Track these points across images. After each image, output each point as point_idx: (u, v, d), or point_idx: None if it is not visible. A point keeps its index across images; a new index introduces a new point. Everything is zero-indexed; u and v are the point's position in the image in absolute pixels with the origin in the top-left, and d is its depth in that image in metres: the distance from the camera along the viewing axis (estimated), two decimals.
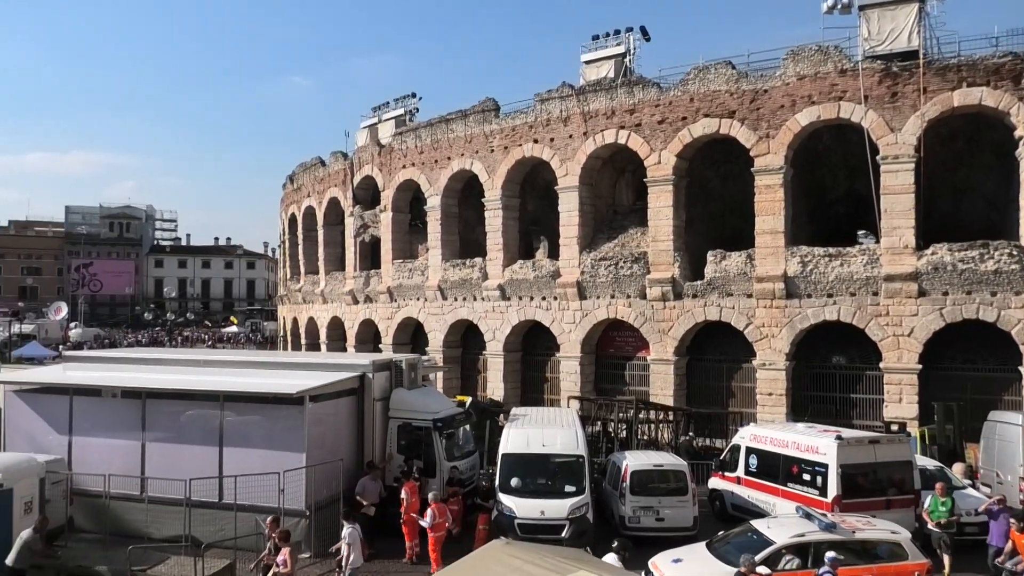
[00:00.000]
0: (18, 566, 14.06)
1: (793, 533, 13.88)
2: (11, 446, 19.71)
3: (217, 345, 74.62)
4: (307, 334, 48.87)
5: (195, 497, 16.96)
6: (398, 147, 38.67)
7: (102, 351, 37.54)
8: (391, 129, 40.96)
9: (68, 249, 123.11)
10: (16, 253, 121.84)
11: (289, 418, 17.57)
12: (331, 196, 45.05)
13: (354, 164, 42.51)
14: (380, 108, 43.82)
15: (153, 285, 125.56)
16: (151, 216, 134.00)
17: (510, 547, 8.81)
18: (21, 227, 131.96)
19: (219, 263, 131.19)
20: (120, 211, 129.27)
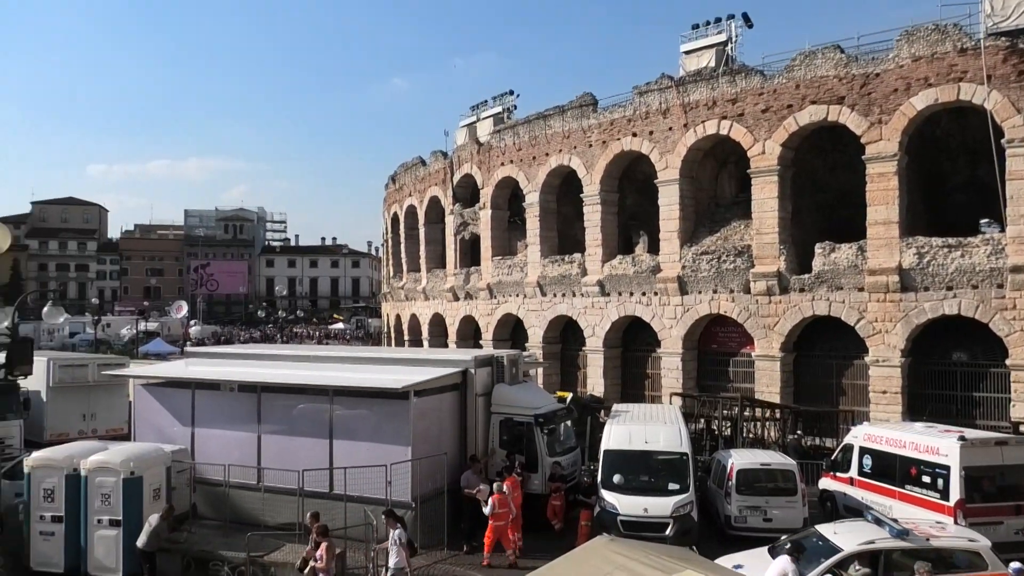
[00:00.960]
0: (148, 549, 14.98)
1: (862, 540, 12.99)
2: (140, 436, 20.98)
3: (324, 341, 77.29)
4: (410, 330, 49.94)
5: (307, 487, 17.62)
6: (496, 145, 38.99)
7: (220, 347, 39.46)
8: (489, 127, 41.35)
9: (187, 251, 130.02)
10: (141, 255, 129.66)
11: (395, 412, 18.00)
12: (432, 195, 45.87)
13: (453, 163, 43.14)
14: (478, 107, 44.32)
15: (265, 284, 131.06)
16: (262, 218, 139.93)
17: (614, 544, 8.76)
18: (145, 231, 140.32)
19: (326, 262, 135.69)
20: (234, 214, 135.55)
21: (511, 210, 40.16)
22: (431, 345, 45.28)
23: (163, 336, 71.43)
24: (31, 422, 25.11)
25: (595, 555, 8.26)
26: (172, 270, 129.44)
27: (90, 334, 64.92)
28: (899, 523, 13.41)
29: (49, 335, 62.61)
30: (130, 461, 15.87)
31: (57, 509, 15.96)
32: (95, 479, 15.78)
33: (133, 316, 79.49)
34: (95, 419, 26.73)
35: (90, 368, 27.24)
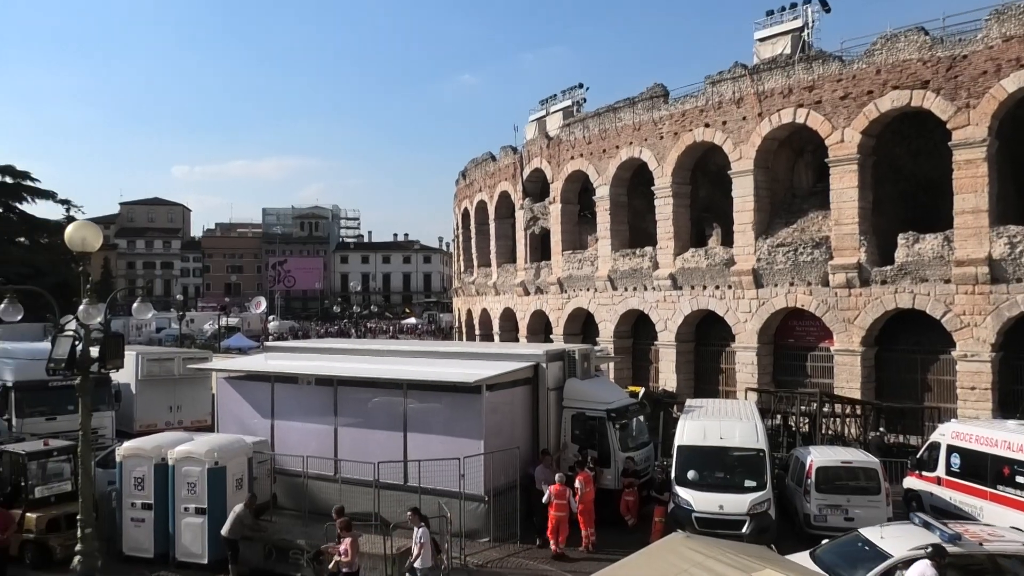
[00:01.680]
0: (231, 536, 15.48)
1: (912, 546, 12.02)
2: (223, 428, 21.71)
3: (396, 336, 78.48)
4: (481, 325, 50.26)
5: (382, 479, 17.93)
6: (566, 138, 38.84)
7: (298, 342, 40.47)
8: (559, 121, 41.23)
9: (265, 248, 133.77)
10: (222, 253, 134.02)
11: (467, 406, 18.14)
12: (502, 190, 46.02)
13: (523, 157, 43.17)
14: (548, 101, 44.23)
15: (339, 280, 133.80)
16: (336, 215, 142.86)
17: (690, 541, 8.64)
18: (225, 229, 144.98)
19: (398, 258, 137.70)
20: (309, 211, 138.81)
21: (581, 204, 39.97)
22: (502, 339, 45.48)
23: (243, 331, 73.64)
24: (122, 413, 26.23)
25: (671, 552, 8.16)
26: (251, 267, 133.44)
27: (175, 329, 67.42)
28: (949, 527, 12.53)
29: (137, 330, 65.31)
30: (214, 452, 16.41)
31: (147, 497, 16.63)
32: (182, 468, 16.37)
33: (215, 312, 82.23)
34: (181, 411, 27.75)
35: (176, 362, 28.27)
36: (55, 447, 17.97)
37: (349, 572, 14.05)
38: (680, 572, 7.50)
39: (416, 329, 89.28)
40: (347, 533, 14.23)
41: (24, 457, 17.24)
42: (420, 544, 13.99)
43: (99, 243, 12.20)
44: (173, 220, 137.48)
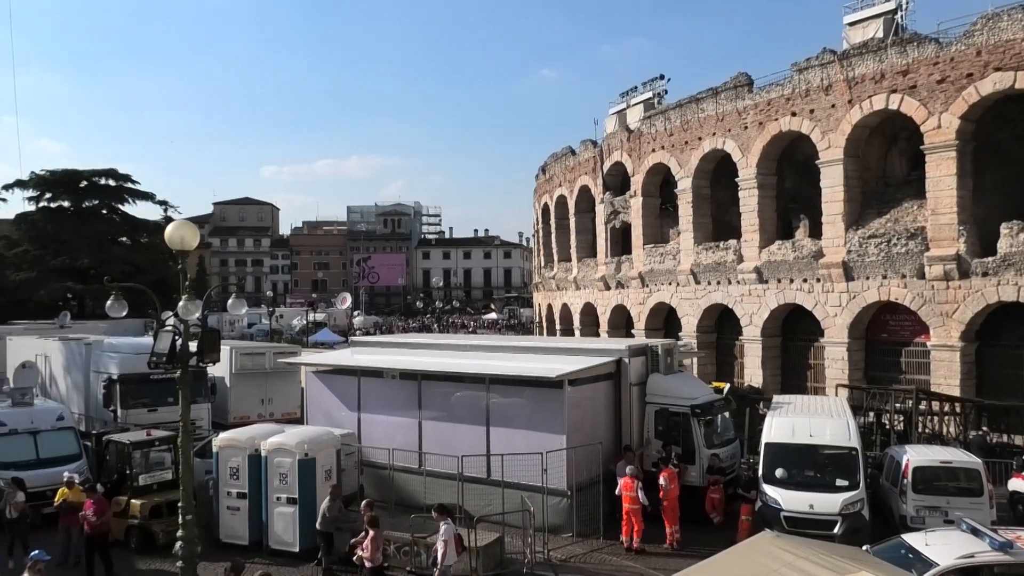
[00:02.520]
0: (324, 529, 15.85)
1: (960, 553, 11.25)
2: (312, 420, 22.34)
3: (477, 331, 79.17)
4: (561, 320, 50.21)
5: (466, 473, 18.13)
6: (647, 131, 38.37)
7: (383, 336, 41.33)
8: (639, 113, 40.75)
9: (350, 245, 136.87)
10: (309, 250, 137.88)
11: (549, 401, 18.15)
12: (582, 184, 45.81)
13: (603, 151, 42.86)
14: (628, 93, 43.77)
15: (421, 276, 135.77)
16: (418, 212, 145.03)
17: (780, 540, 8.42)
18: (312, 227, 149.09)
19: (479, 253, 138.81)
20: (392, 209, 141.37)
21: (662, 197, 39.44)
22: (582, 334, 45.33)
23: (330, 326, 75.61)
24: (217, 405, 27.28)
25: (760, 551, 7.97)
26: (337, 263, 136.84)
27: (265, 324, 69.77)
28: (1000, 534, 11.69)
29: (230, 326, 67.75)
30: (304, 443, 16.89)
31: (241, 486, 17.24)
32: (274, 459, 16.91)
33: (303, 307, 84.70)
34: (272, 403, 28.67)
35: (267, 356, 29.23)
36: (157, 437, 18.84)
37: (372, 567, 14.16)
38: (771, 572, 7.32)
39: (496, 324, 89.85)
40: (372, 528, 14.35)
41: (129, 446, 18.15)
42: (444, 541, 13.89)
43: (196, 242, 12.70)
44: (263, 219, 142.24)
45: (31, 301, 65.24)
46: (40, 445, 20.15)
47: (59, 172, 74.19)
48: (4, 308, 62.50)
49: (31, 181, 73.39)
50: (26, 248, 72.33)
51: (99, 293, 66.27)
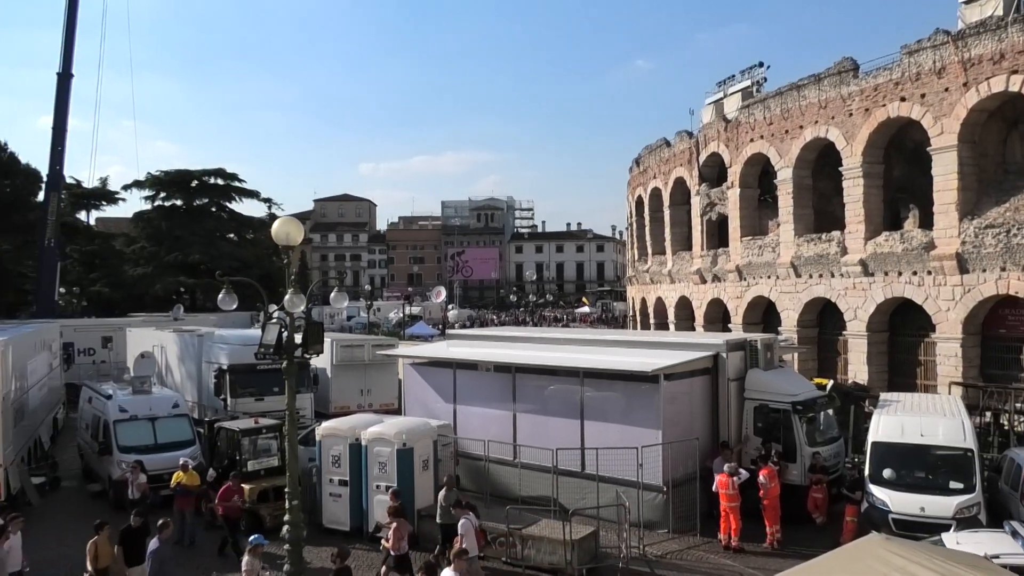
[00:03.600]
0: (444, 521, 15.87)
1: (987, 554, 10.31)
2: (409, 411, 22.84)
3: (570, 325, 79.04)
4: (655, 314, 49.55)
5: (560, 466, 18.17)
6: (745, 120, 37.37)
7: (478, 330, 41.76)
8: (737, 103, 39.72)
9: (444, 239, 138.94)
10: (405, 245, 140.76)
11: (644, 395, 17.98)
12: (677, 176, 45.03)
13: (699, 142, 42.00)
14: (725, 82, 42.75)
15: (514, 269, 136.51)
16: (511, 206, 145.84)
17: (891, 543, 8.05)
18: (408, 222, 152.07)
19: (571, 247, 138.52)
20: (485, 203, 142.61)
21: (761, 188, 38.32)
22: (677, 328, 44.59)
23: (425, 319, 77.00)
24: (319, 396, 28.22)
25: (869, 554, 7.66)
26: (431, 258, 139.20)
27: (363, 318, 71.63)
28: None
29: (330, 318, 69.90)
30: (403, 434, 17.29)
31: (343, 474, 17.82)
32: (373, 449, 17.39)
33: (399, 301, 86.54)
34: (370, 394, 29.44)
35: (366, 348, 30.04)
36: (264, 425, 19.66)
37: (397, 555, 14.34)
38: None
39: (589, 318, 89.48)
40: (394, 519, 14.59)
41: (238, 434, 19.01)
42: (462, 535, 13.96)
43: (301, 237, 13.16)
44: (360, 215, 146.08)
45: (148, 295, 69.10)
46: (158, 431, 21.37)
47: (172, 172, 78.32)
48: (124, 301, 66.47)
49: (147, 181, 77.75)
50: (143, 245, 76.71)
51: (209, 287, 69.63)
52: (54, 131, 50.87)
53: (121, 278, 70.74)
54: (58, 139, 50.92)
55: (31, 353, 25.68)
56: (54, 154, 51.01)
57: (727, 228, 39.43)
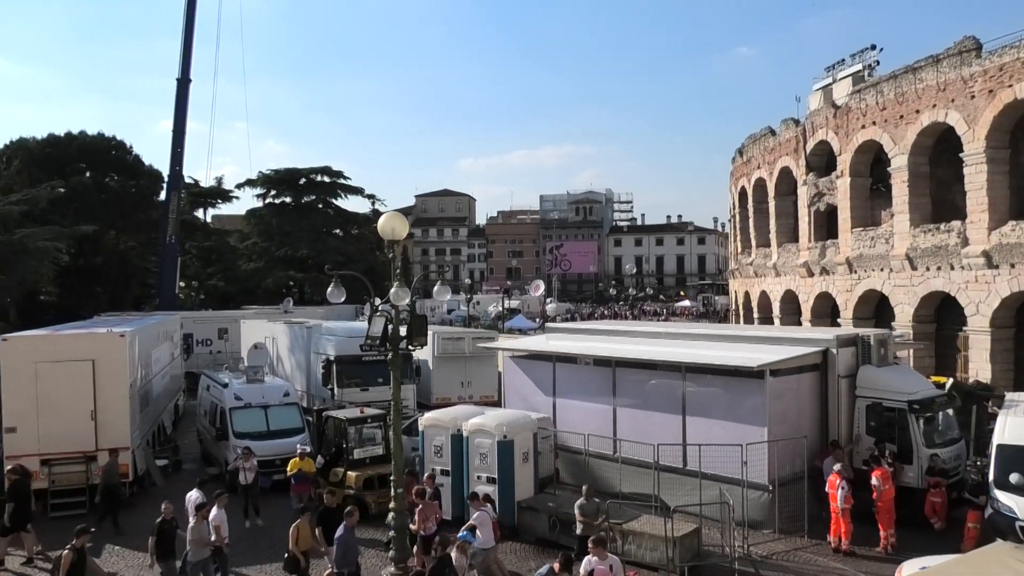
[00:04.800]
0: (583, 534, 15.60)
1: None
2: (509, 403, 23.03)
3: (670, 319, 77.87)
4: (759, 308, 48.20)
5: (661, 462, 17.93)
6: (855, 106, 35.79)
7: (577, 323, 41.74)
8: (847, 88, 38.12)
9: (542, 233, 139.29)
10: (503, 239, 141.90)
11: (749, 391, 17.53)
12: (782, 166, 43.60)
13: (806, 130, 40.51)
14: (834, 67, 41.17)
15: (612, 263, 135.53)
16: (610, 199, 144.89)
17: (1020, 552, 7.59)
18: (507, 216, 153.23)
19: (671, 240, 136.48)
20: (584, 196, 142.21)
21: (873, 176, 36.64)
22: (782, 323, 43.21)
23: (523, 312, 77.43)
24: (421, 387, 28.82)
25: (996, 563, 7.23)
26: (530, 251, 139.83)
27: (463, 311, 72.70)
28: None
29: (431, 312, 71.29)
30: (503, 426, 17.44)
31: (445, 464, 18.13)
32: (474, 440, 17.61)
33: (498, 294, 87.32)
34: (471, 386, 29.83)
35: (466, 341, 30.45)
36: (369, 415, 20.21)
37: (424, 536, 14.56)
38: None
39: (690, 312, 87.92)
40: (419, 500, 14.89)
41: (345, 422, 19.61)
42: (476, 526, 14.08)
43: (406, 232, 13.44)
44: (460, 209, 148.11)
45: (259, 288, 72.25)
46: (270, 418, 22.32)
47: (282, 171, 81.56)
48: (237, 295, 69.74)
49: (258, 180, 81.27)
50: (255, 241, 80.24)
51: (316, 281, 72.19)
52: (174, 134, 53.79)
53: (235, 272, 74.21)
54: (178, 141, 53.81)
55: (155, 343, 27.23)
56: (174, 156, 53.92)
57: (836, 219, 37.92)
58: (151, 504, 20.40)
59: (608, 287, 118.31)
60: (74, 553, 12.49)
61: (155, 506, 20.08)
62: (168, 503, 14.51)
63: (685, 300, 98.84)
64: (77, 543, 12.64)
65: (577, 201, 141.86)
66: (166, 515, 14.04)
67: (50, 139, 59.39)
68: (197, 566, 13.64)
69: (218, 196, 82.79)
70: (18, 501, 16.60)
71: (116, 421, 19.85)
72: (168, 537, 13.84)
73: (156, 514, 14.56)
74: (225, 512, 14.53)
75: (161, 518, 14.02)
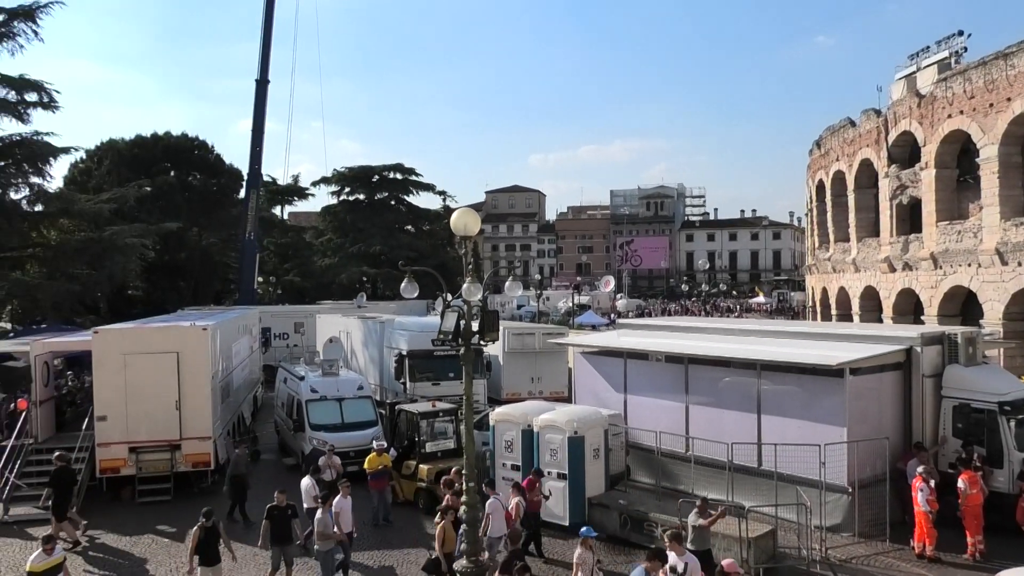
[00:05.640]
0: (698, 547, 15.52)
1: None
2: (579, 399, 22.95)
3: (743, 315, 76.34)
4: (837, 304, 46.82)
5: (735, 461, 17.59)
6: (941, 95, 34.35)
7: (649, 319, 41.31)
8: (932, 76, 36.62)
9: (612, 229, 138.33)
10: (573, 235, 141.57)
11: (828, 390, 17.04)
12: (863, 158, 42.19)
13: (888, 120, 39.10)
14: (918, 55, 39.63)
15: (684, 258, 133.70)
16: (681, 194, 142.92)
17: None
18: (576, 212, 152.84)
19: (745, 235, 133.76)
20: (655, 191, 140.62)
21: (960, 168, 35.12)
22: (862, 320, 41.87)
23: (593, 308, 77.06)
24: (491, 382, 28.98)
25: None
26: (600, 247, 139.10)
27: (533, 307, 72.77)
28: None
29: (500, 307, 71.58)
30: (574, 422, 17.38)
31: (515, 459, 18.17)
32: (545, 436, 17.59)
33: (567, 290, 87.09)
34: (540, 381, 29.86)
35: (536, 336, 30.49)
36: (440, 409, 20.43)
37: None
38: None
39: (764, 308, 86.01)
40: (448, 490, 15.25)
41: (417, 416, 19.88)
42: (488, 514, 14.25)
43: (478, 228, 13.50)
44: (530, 205, 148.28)
45: (334, 283, 73.81)
46: (344, 411, 22.77)
47: (356, 168, 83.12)
48: (313, 290, 71.43)
49: (333, 177, 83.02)
50: (330, 237, 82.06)
51: (388, 276, 73.33)
52: (253, 133, 55.31)
53: (311, 268, 76.00)
54: (257, 141, 55.32)
55: (235, 337, 28.09)
56: (253, 155, 55.45)
57: (919, 212, 36.51)
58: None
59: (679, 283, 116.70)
60: (201, 531, 13.24)
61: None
62: (282, 491, 14.74)
63: (759, 296, 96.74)
64: (206, 522, 13.31)
65: (648, 196, 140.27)
66: (279, 502, 14.32)
67: (137, 140, 61.97)
68: (324, 555, 14.02)
69: (294, 193, 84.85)
70: (59, 488, 17.17)
71: (199, 411, 20.56)
72: (280, 523, 14.16)
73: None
74: (350, 501, 15.01)
75: (273, 503, 14.35)
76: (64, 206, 40.78)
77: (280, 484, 21.32)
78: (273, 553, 14.24)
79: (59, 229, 43.10)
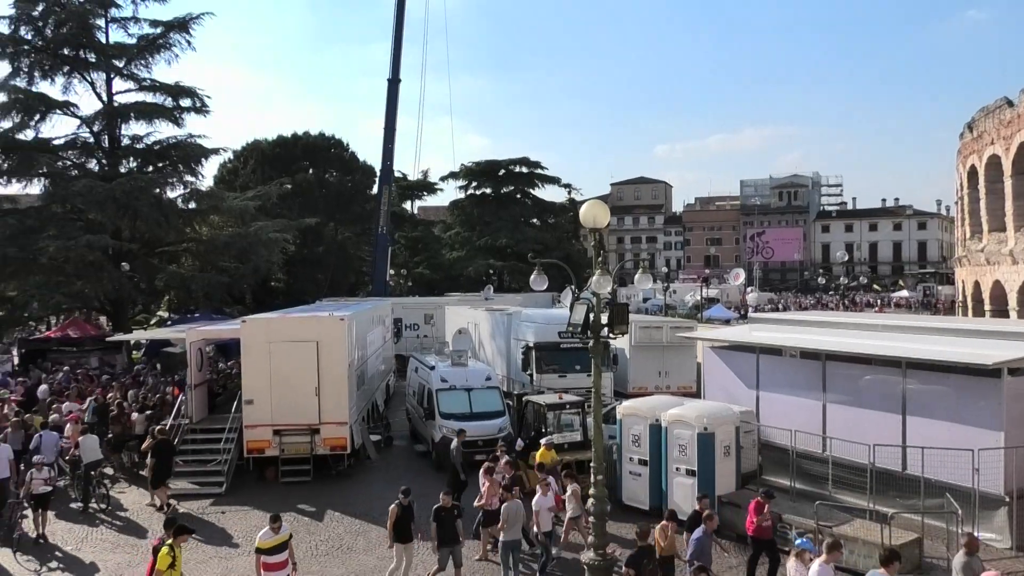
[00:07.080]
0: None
1: None
2: (709, 395, 22.44)
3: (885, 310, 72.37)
4: (992, 299, 43.55)
5: (876, 463, 16.73)
6: None
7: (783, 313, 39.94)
8: None
9: (743, 220, 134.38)
10: (701, 226, 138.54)
11: (982, 391, 15.89)
12: (1021, 140, 39.03)
13: None
14: None
15: (820, 250, 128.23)
16: (816, 183, 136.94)
17: None
18: (704, 203, 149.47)
19: (887, 225, 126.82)
20: (788, 180, 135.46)
21: None
22: (1020, 317, 38.81)
23: (722, 302, 75.11)
24: (618, 376, 28.76)
25: None
26: (729, 239, 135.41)
27: (659, 300, 71.71)
28: None
29: (626, 300, 70.98)
30: (703, 418, 17.01)
31: (643, 454, 17.99)
32: (673, 431, 17.30)
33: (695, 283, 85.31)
34: (668, 376, 29.36)
35: (664, 330, 29.99)
36: (567, 401, 20.50)
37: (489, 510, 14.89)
38: None
39: (908, 303, 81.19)
40: (487, 477, 15.46)
41: (544, 408, 20.02)
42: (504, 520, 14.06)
43: (607, 220, 13.40)
44: (656, 197, 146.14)
45: (462, 276, 75.52)
46: (472, 400, 23.24)
47: (483, 163, 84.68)
48: (441, 282, 73.33)
49: (461, 172, 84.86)
50: (458, 231, 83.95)
51: (515, 269, 74.24)
52: (385, 131, 57.22)
53: (439, 261, 78.03)
54: (389, 138, 57.20)
55: (369, 327, 29.18)
56: (386, 152, 57.38)
57: None
58: (366, 475, 22.05)
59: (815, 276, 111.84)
60: (399, 508, 13.85)
61: (369, 478, 21.76)
62: (447, 492, 14.60)
63: (903, 290, 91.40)
64: (404, 501, 13.93)
65: (780, 185, 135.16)
66: (445, 503, 14.15)
67: (279, 140, 65.56)
68: (507, 546, 14.09)
69: (424, 188, 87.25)
70: (160, 458, 19.22)
71: (336, 397, 21.50)
72: (447, 525, 14.05)
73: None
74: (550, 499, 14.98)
75: (439, 505, 14.15)
76: (214, 203, 43.84)
77: (412, 470, 22.08)
78: (441, 555, 14.07)
79: (210, 225, 46.30)
